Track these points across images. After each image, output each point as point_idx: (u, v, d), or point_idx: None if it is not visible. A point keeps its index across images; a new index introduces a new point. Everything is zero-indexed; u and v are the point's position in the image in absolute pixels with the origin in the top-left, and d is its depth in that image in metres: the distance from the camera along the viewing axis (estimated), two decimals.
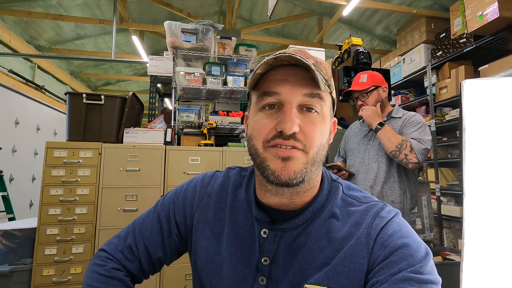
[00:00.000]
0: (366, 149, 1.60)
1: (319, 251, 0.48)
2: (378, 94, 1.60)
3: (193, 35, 2.25)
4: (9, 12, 4.10)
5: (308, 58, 0.48)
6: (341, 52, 2.76)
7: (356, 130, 1.72)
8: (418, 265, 0.42)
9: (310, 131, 0.46)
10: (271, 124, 0.47)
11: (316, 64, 0.48)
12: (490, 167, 0.85)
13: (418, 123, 1.49)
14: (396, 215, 0.49)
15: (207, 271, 0.54)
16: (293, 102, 0.46)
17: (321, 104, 0.48)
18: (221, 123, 2.26)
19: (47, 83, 5.34)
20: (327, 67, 0.51)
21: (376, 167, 1.53)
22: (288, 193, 0.50)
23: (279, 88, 0.47)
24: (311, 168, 0.47)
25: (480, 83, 0.87)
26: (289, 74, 0.47)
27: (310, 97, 0.47)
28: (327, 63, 0.53)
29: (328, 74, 0.50)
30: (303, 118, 0.47)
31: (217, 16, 5.52)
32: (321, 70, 0.48)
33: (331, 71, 0.51)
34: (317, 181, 0.52)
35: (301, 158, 0.46)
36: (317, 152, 0.47)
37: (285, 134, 0.45)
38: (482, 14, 2.49)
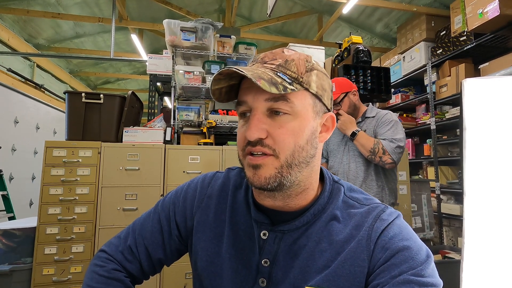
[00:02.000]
0: (344, 150, 1.67)
1: (320, 254, 0.48)
2: (349, 100, 1.66)
3: (192, 33, 2.25)
4: (7, 11, 4.08)
5: (276, 59, 0.48)
6: (341, 50, 2.75)
7: (336, 132, 1.77)
8: (419, 268, 0.42)
9: (279, 135, 0.46)
10: (244, 133, 0.48)
11: (283, 64, 0.47)
12: (491, 166, 0.84)
13: (389, 122, 1.55)
14: (397, 217, 0.49)
15: (208, 272, 0.54)
16: (258, 108, 0.47)
17: (289, 106, 0.46)
18: (221, 122, 2.26)
19: (46, 82, 5.33)
20: (301, 62, 0.48)
21: (354, 167, 1.60)
22: (279, 196, 0.49)
23: (245, 96, 0.48)
24: (289, 171, 0.46)
25: (480, 82, 0.86)
26: (253, 82, 0.46)
27: (274, 101, 0.46)
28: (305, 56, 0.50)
29: (300, 70, 0.48)
30: (271, 123, 0.46)
31: (217, 14, 5.50)
32: (288, 69, 0.47)
33: (310, 64, 0.49)
34: (310, 183, 0.51)
35: (272, 163, 0.46)
36: (292, 154, 0.46)
37: (250, 141, 0.46)
38: (482, 11, 2.48)
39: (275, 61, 0.48)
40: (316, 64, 0.51)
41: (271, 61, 0.49)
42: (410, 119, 3.74)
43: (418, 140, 3.83)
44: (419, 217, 2.54)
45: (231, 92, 0.52)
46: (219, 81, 0.48)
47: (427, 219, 2.56)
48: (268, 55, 0.50)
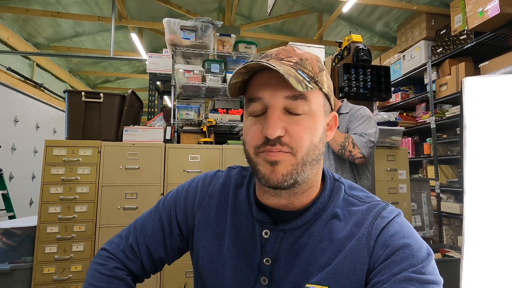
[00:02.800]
0: None
1: (321, 252, 0.48)
2: None
3: (192, 32, 2.24)
4: (6, 10, 4.07)
5: (291, 57, 0.48)
6: (341, 49, 2.74)
7: None
8: (419, 265, 0.42)
9: (297, 133, 0.46)
10: (258, 130, 0.47)
11: (299, 62, 0.48)
12: (491, 165, 0.84)
13: (362, 116, 1.54)
14: (398, 215, 0.49)
15: (209, 271, 0.54)
16: (276, 106, 0.46)
17: (307, 104, 0.46)
18: (221, 121, 2.26)
19: (46, 81, 5.32)
20: (314, 62, 0.49)
21: (328, 164, 1.60)
22: (285, 194, 0.49)
23: (261, 93, 0.47)
24: (303, 168, 0.46)
25: (481, 81, 0.86)
26: (271, 77, 0.46)
27: (293, 99, 0.46)
28: (316, 56, 0.51)
29: (315, 70, 0.48)
30: (289, 120, 0.46)
31: (216, 13, 5.49)
32: (305, 68, 0.47)
33: (321, 64, 0.50)
34: (315, 181, 0.51)
35: (289, 160, 0.46)
36: (307, 152, 0.46)
37: (270, 139, 0.45)
38: (482, 10, 2.47)
39: (291, 58, 0.48)
40: (323, 64, 0.52)
41: (287, 58, 0.48)
42: (410, 118, 3.74)
43: (418, 139, 3.83)
44: (419, 215, 2.54)
45: (241, 88, 0.51)
46: (239, 75, 0.47)
47: (427, 217, 2.56)
48: (282, 52, 0.49)
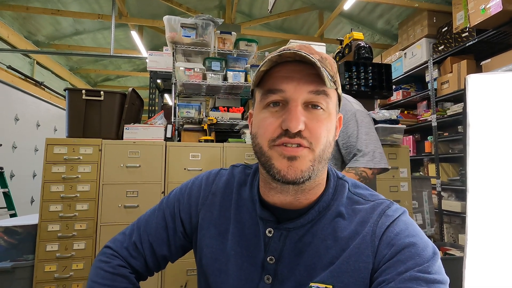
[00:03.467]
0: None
1: (325, 251, 0.48)
2: None
3: (192, 30, 2.23)
4: (6, 7, 4.06)
5: (313, 54, 0.47)
6: (342, 46, 2.73)
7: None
8: (425, 265, 0.42)
9: (316, 129, 0.45)
10: (276, 123, 0.46)
11: (321, 60, 0.47)
12: (494, 163, 0.84)
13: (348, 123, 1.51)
14: (403, 213, 0.49)
15: (213, 269, 0.54)
16: (298, 99, 0.45)
17: (326, 101, 0.47)
18: (222, 119, 2.25)
19: (46, 79, 5.31)
20: (332, 62, 0.49)
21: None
22: (293, 191, 0.49)
23: (283, 85, 0.46)
24: (318, 165, 0.46)
25: (484, 78, 0.85)
26: (294, 71, 0.45)
27: (316, 94, 0.45)
28: (331, 57, 0.52)
29: (334, 70, 0.49)
30: (308, 115, 0.46)
31: (217, 11, 5.46)
32: (326, 66, 0.47)
33: (336, 66, 0.50)
34: (322, 179, 0.51)
35: (308, 156, 0.45)
36: (324, 149, 0.46)
37: (290, 132, 0.44)
38: (485, 7, 2.46)
39: (314, 55, 0.46)
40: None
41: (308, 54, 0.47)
42: (411, 116, 3.73)
43: (419, 137, 3.82)
44: (420, 214, 2.54)
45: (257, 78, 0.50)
46: (271, 63, 0.46)
47: (428, 216, 2.56)
48: (303, 48, 0.48)
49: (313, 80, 0.45)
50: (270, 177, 0.47)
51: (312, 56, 0.43)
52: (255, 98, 0.52)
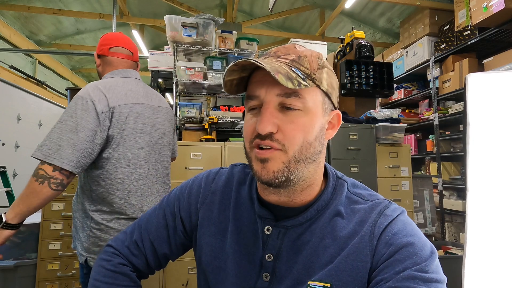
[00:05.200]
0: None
1: (323, 249, 0.48)
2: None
3: (193, 29, 2.23)
4: (8, 7, 4.07)
5: (289, 54, 0.48)
6: (343, 45, 2.73)
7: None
8: (423, 264, 0.42)
9: (289, 131, 0.46)
10: (253, 126, 0.48)
11: (296, 59, 0.47)
12: (494, 162, 0.84)
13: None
14: (401, 213, 0.49)
15: (212, 267, 0.55)
16: (270, 102, 0.46)
17: (301, 101, 0.46)
18: (223, 118, 2.26)
19: (48, 78, 5.34)
20: (313, 59, 0.49)
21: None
22: (285, 192, 0.50)
23: (257, 90, 0.48)
24: (296, 166, 0.46)
25: (485, 77, 0.85)
26: (266, 75, 0.46)
27: (287, 96, 0.46)
28: (317, 54, 0.50)
29: (313, 67, 0.48)
30: (283, 117, 0.46)
31: (218, 10, 5.46)
32: (302, 65, 0.47)
33: (321, 62, 0.49)
34: (315, 179, 0.51)
35: (280, 157, 0.46)
36: (300, 150, 0.46)
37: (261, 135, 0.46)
38: (487, 5, 2.44)
39: (289, 56, 0.48)
40: (326, 62, 0.51)
41: (284, 55, 0.49)
42: (413, 115, 3.72)
43: (420, 136, 3.81)
44: (421, 212, 2.54)
45: (241, 85, 0.52)
46: (232, 72, 0.48)
47: (429, 214, 2.56)
48: (281, 49, 0.50)
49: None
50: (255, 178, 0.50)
51: (261, 62, 0.43)
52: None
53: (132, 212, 1.08)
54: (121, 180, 1.06)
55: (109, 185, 1.05)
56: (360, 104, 2.55)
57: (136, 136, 1.10)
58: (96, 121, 1.00)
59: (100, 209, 1.06)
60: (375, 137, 2.23)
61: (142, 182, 1.11)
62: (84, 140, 0.97)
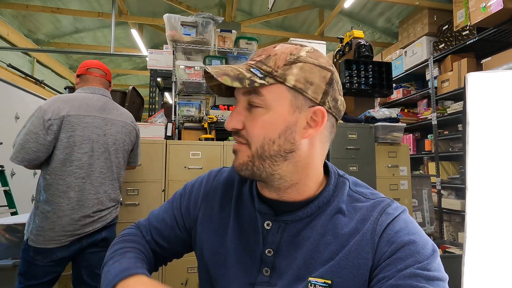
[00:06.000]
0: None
1: (324, 246, 0.48)
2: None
3: (192, 28, 2.23)
4: (6, 6, 4.05)
5: (261, 55, 0.49)
6: (342, 45, 2.73)
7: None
8: (425, 262, 0.42)
9: (251, 127, 0.49)
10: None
11: (263, 60, 0.48)
12: (493, 161, 0.84)
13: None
14: (403, 211, 0.49)
15: (213, 262, 0.55)
16: (240, 101, 0.51)
17: (261, 99, 0.47)
18: (222, 117, 2.25)
19: (47, 77, 5.32)
20: (282, 56, 0.47)
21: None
22: (272, 188, 0.52)
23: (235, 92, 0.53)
24: (261, 162, 0.48)
25: (484, 76, 0.85)
26: None
27: (247, 94, 0.49)
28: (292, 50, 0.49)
29: (277, 64, 0.47)
30: (248, 115, 0.50)
31: (217, 9, 5.46)
32: (265, 64, 0.48)
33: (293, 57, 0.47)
34: (299, 179, 0.50)
35: (245, 151, 0.50)
36: (262, 146, 0.47)
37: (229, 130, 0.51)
38: (485, 5, 2.45)
39: (259, 57, 0.50)
40: (306, 56, 0.48)
41: (257, 56, 0.51)
42: (412, 115, 3.73)
43: (419, 135, 3.82)
44: (420, 212, 2.54)
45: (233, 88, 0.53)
46: (210, 79, 0.51)
47: (427, 214, 2.57)
48: (259, 51, 0.52)
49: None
50: None
51: (208, 68, 0.47)
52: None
53: (68, 203, 1.27)
54: (62, 177, 1.28)
55: (53, 179, 1.28)
56: (359, 104, 2.56)
57: (82, 142, 1.31)
58: (41, 126, 1.25)
59: (44, 199, 1.28)
60: (374, 137, 2.24)
61: (81, 180, 1.31)
62: (29, 141, 1.24)
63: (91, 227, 1.32)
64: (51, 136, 1.26)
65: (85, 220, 1.30)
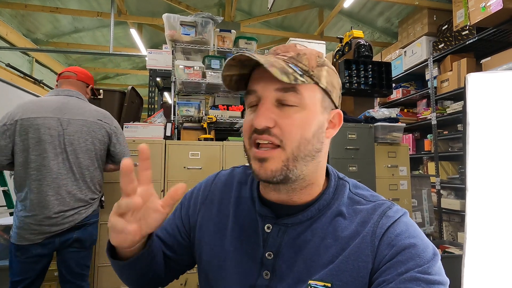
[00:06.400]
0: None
1: (325, 249, 0.48)
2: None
3: (192, 28, 2.22)
4: (5, 5, 4.04)
5: (288, 52, 0.48)
6: (342, 45, 2.73)
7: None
8: (425, 266, 0.42)
9: (286, 126, 0.46)
10: (251, 121, 0.48)
11: (295, 56, 0.48)
12: (493, 161, 0.84)
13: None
14: (403, 215, 0.49)
15: (212, 265, 0.55)
16: (267, 97, 0.47)
17: (298, 97, 0.46)
18: (221, 117, 2.25)
19: (45, 77, 5.30)
20: (312, 57, 0.49)
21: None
22: (284, 190, 0.50)
23: (255, 85, 0.48)
24: (295, 164, 0.46)
25: (484, 77, 0.85)
26: (265, 71, 0.46)
27: (284, 91, 0.46)
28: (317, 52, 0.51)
29: (311, 64, 0.48)
30: (279, 113, 0.47)
31: (216, 9, 5.45)
32: (300, 62, 0.47)
33: (321, 60, 0.50)
34: (315, 179, 0.51)
35: (279, 156, 0.46)
36: (298, 147, 0.46)
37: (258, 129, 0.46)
38: (485, 5, 2.45)
39: (288, 53, 0.48)
40: (327, 61, 0.51)
41: (283, 53, 0.49)
42: (411, 114, 3.73)
43: (418, 135, 3.82)
44: (419, 212, 2.54)
45: (241, 82, 0.52)
46: (230, 67, 0.48)
47: (427, 214, 2.57)
48: (281, 48, 0.50)
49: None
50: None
51: (255, 56, 0.43)
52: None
53: (31, 205, 1.30)
54: (23, 180, 1.33)
55: (18, 182, 1.34)
56: (359, 104, 2.55)
57: (35, 145, 1.31)
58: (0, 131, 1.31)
59: (17, 199, 1.36)
60: (374, 137, 2.24)
61: (38, 182, 1.32)
62: None
63: (58, 227, 1.33)
64: (6, 140, 1.31)
65: (49, 221, 1.31)
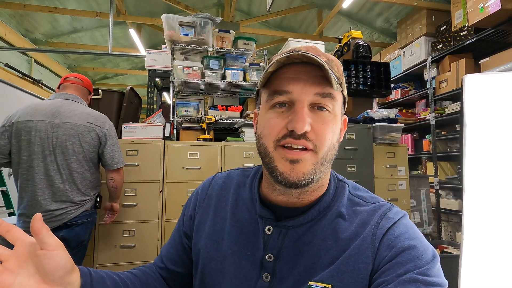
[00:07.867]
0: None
1: (325, 251, 0.48)
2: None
3: (191, 28, 2.22)
4: (3, 5, 4.03)
5: (320, 56, 0.47)
6: (340, 45, 2.73)
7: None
8: (425, 267, 0.42)
9: (322, 131, 0.46)
10: (282, 123, 0.46)
11: (328, 62, 0.47)
12: (491, 162, 0.84)
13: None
14: (403, 216, 0.49)
15: (209, 269, 0.54)
16: (305, 101, 0.45)
17: (332, 103, 0.47)
18: (220, 118, 2.25)
19: (44, 77, 5.29)
20: (339, 64, 0.49)
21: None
22: (296, 193, 0.49)
23: (290, 86, 0.46)
24: (321, 168, 0.47)
25: (481, 78, 0.86)
26: (300, 72, 0.46)
27: (322, 96, 0.46)
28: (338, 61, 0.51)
29: (340, 72, 0.49)
30: (314, 117, 0.46)
31: (215, 9, 5.45)
32: (333, 68, 0.47)
33: (342, 68, 0.51)
34: (325, 180, 0.52)
35: (310, 159, 0.46)
36: (327, 151, 0.47)
37: (296, 133, 0.44)
38: (483, 6, 2.46)
39: (320, 57, 0.46)
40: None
41: (317, 56, 0.47)
42: (410, 115, 3.74)
43: (417, 135, 3.83)
44: (418, 212, 2.55)
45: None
46: (279, 64, 0.46)
47: (425, 214, 2.57)
48: (310, 49, 0.48)
49: (319, 82, 0.46)
50: (273, 179, 0.48)
51: (319, 58, 0.44)
52: (261, 98, 0.52)
53: (23, 203, 1.39)
54: (17, 180, 1.42)
55: (15, 182, 1.43)
56: (358, 104, 2.56)
57: (26, 146, 1.39)
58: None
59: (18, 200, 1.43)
60: (372, 137, 2.24)
61: (27, 182, 1.39)
62: None
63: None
64: (4, 141, 1.40)
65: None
